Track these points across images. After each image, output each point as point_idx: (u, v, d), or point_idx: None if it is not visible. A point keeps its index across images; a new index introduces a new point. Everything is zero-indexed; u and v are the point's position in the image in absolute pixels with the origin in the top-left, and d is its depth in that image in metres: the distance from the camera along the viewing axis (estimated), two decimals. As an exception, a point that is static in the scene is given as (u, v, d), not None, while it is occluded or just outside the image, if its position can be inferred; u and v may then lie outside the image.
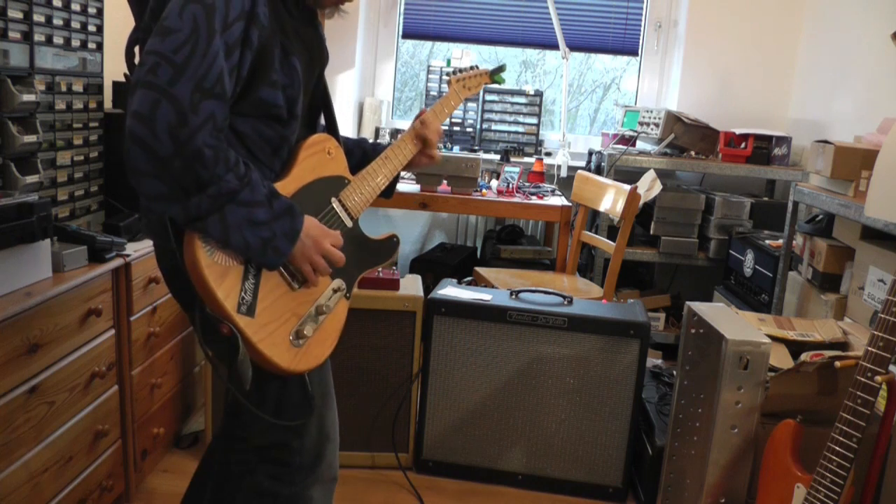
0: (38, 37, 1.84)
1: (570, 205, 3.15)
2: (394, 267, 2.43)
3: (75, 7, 1.99)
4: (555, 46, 3.67)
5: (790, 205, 2.66)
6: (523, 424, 2.34)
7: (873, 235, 2.24)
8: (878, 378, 1.45)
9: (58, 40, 1.92)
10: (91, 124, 2.11)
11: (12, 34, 1.75)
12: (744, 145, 3.35)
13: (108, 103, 2.29)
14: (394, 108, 4.11)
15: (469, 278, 2.74)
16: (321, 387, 1.49)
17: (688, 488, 1.94)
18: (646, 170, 3.16)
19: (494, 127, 3.88)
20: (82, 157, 2.08)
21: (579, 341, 2.28)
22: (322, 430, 1.49)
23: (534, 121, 3.86)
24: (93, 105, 2.11)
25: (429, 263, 3.41)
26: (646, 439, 2.30)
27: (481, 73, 1.71)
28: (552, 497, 2.34)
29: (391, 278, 2.36)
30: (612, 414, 2.29)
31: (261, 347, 1.23)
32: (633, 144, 3.52)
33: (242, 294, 1.22)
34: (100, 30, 2.11)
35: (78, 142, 2.06)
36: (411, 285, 2.43)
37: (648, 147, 3.50)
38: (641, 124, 3.45)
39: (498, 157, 3.71)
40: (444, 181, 3.15)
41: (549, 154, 3.86)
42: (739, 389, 1.77)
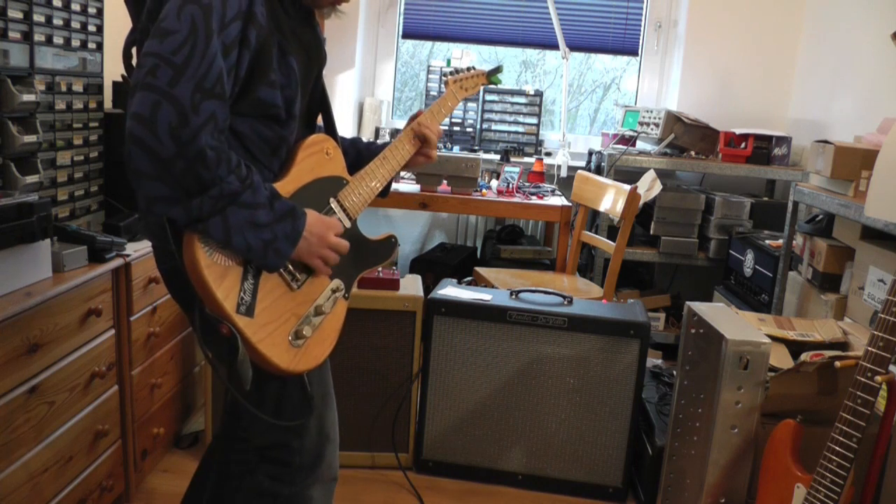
0: (38, 37, 1.84)
1: (570, 205, 3.15)
2: (394, 267, 2.44)
3: (75, 7, 1.99)
4: (555, 46, 3.66)
5: (790, 205, 2.65)
6: (523, 424, 2.34)
7: (873, 235, 2.24)
8: (878, 378, 1.45)
9: (58, 40, 1.92)
10: (91, 124, 2.11)
11: (12, 34, 1.75)
12: (744, 145, 3.35)
13: (108, 103, 2.29)
14: (394, 108, 4.11)
15: (469, 278, 2.74)
16: (321, 387, 1.49)
17: (688, 488, 1.94)
18: (646, 170, 3.16)
19: (494, 127, 3.88)
20: (82, 157, 2.08)
21: (579, 341, 2.28)
22: (322, 430, 1.49)
23: (534, 121, 3.86)
24: (93, 105, 2.11)
25: (429, 263, 3.41)
26: (646, 439, 2.30)
27: (478, 73, 1.70)
28: (552, 497, 2.34)
29: (391, 278, 2.36)
30: (612, 414, 2.29)
31: (260, 348, 1.23)
32: (633, 144, 3.52)
33: (241, 294, 1.22)
34: (100, 30, 2.11)
35: (78, 142, 2.06)
36: (411, 285, 2.43)
37: (648, 147, 3.50)
38: (641, 124, 3.45)
39: (498, 157, 3.71)
40: (444, 181, 3.15)
41: (549, 154, 3.86)
42: (739, 389, 1.77)
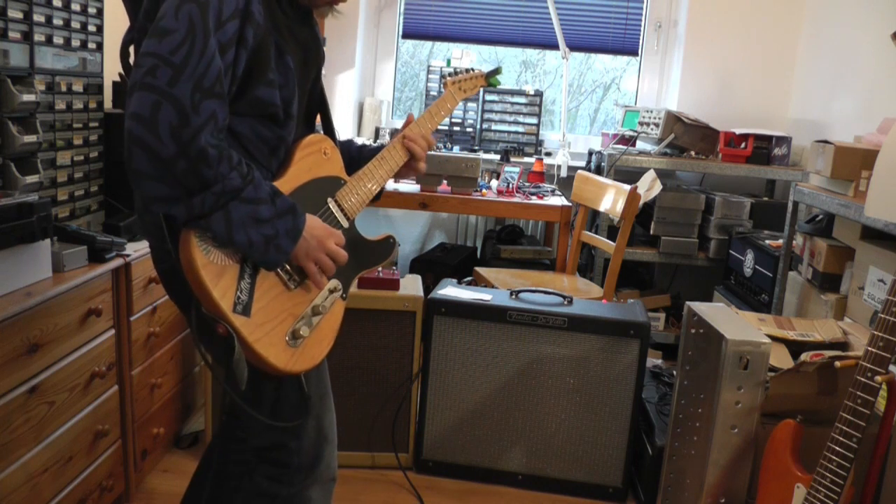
0: (38, 37, 1.84)
1: (570, 205, 3.15)
2: (394, 267, 2.44)
3: (75, 7, 1.99)
4: (555, 46, 3.66)
5: (790, 205, 2.65)
6: (523, 424, 2.34)
7: (873, 235, 2.24)
8: (878, 378, 1.45)
9: (58, 40, 1.92)
10: (91, 124, 2.11)
11: (12, 34, 1.75)
12: (744, 145, 3.35)
13: (108, 103, 2.29)
14: (394, 108, 4.11)
15: (469, 278, 2.74)
16: (319, 388, 1.49)
17: (688, 488, 1.94)
18: (646, 170, 3.16)
19: (494, 127, 3.88)
20: (82, 157, 2.08)
21: (579, 341, 2.28)
22: (320, 431, 1.49)
23: (534, 121, 3.86)
24: (93, 105, 2.11)
25: (429, 263, 3.41)
26: (646, 439, 2.30)
27: (477, 75, 1.70)
28: (552, 497, 2.34)
29: (391, 278, 2.36)
30: (612, 414, 2.29)
31: (256, 347, 1.22)
32: (633, 144, 3.52)
33: (238, 294, 1.21)
34: (100, 30, 2.11)
35: (78, 142, 2.06)
36: (411, 285, 2.43)
37: (648, 147, 3.49)
38: (641, 124, 3.45)
39: (498, 157, 3.70)
40: (444, 181, 3.15)
41: (549, 154, 3.86)
42: (739, 389, 1.77)
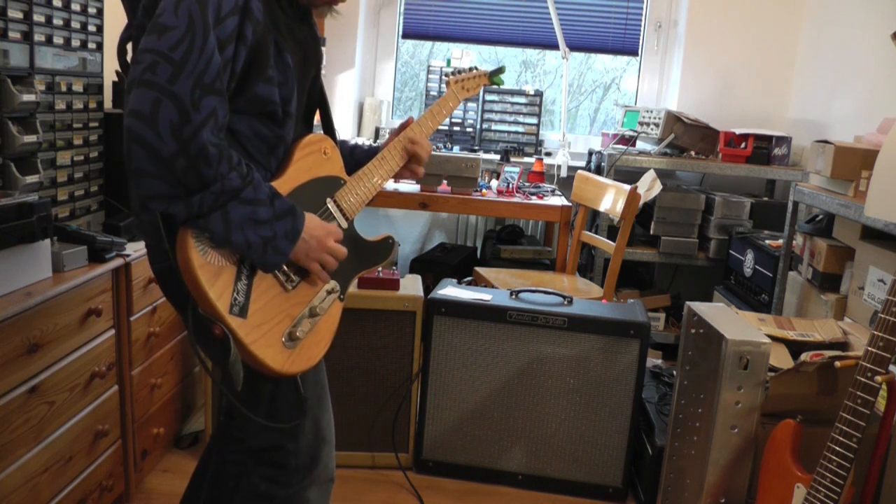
0: (38, 37, 1.84)
1: (570, 205, 3.15)
2: (394, 267, 2.44)
3: (75, 7, 1.99)
4: (555, 46, 3.66)
5: (790, 205, 2.65)
6: (523, 424, 2.34)
7: (873, 235, 2.24)
8: (878, 378, 1.45)
9: (58, 40, 1.92)
10: (91, 124, 2.11)
11: (12, 34, 1.75)
12: (744, 145, 3.35)
13: (108, 103, 2.29)
14: (394, 108, 4.11)
15: (469, 278, 2.74)
16: (316, 389, 1.48)
17: (688, 488, 1.94)
18: (646, 170, 3.16)
19: (494, 127, 3.88)
20: (82, 157, 2.08)
21: (579, 341, 2.28)
22: (318, 432, 1.49)
23: (534, 121, 3.86)
24: (93, 105, 2.11)
25: (429, 263, 3.41)
26: (646, 439, 2.30)
27: (480, 74, 1.70)
28: (552, 497, 2.34)
29: (391, 278, 2.36)
30: (612, 414, 2.29)
31: (253, 349, 1.22)
32: (633, 144, 3.52)
33: (235, 295, 1.20)
34: (100, 30, 2.11)
35: (78, 142, 2.06)
36: (411, 285, 2.43)
37: (648, 147, 3.50)
38: (641, 124, 3.45)
39: (498, 157, 3.71)
40: (444, 181, 3.15)
41: (549, 154, 3.86)
42: (739, 389, 1.77)
